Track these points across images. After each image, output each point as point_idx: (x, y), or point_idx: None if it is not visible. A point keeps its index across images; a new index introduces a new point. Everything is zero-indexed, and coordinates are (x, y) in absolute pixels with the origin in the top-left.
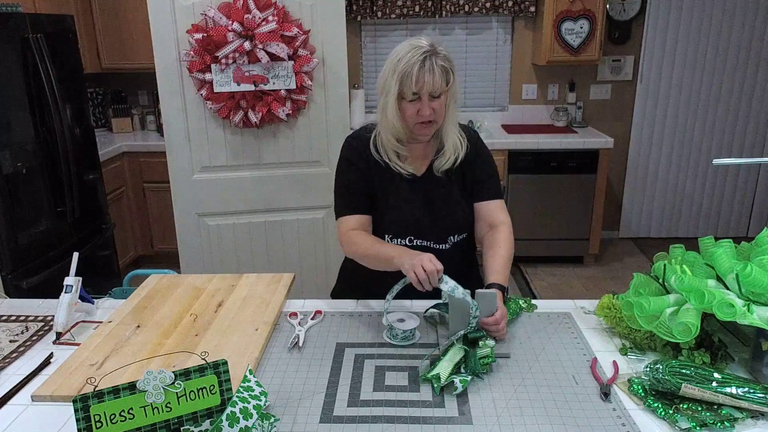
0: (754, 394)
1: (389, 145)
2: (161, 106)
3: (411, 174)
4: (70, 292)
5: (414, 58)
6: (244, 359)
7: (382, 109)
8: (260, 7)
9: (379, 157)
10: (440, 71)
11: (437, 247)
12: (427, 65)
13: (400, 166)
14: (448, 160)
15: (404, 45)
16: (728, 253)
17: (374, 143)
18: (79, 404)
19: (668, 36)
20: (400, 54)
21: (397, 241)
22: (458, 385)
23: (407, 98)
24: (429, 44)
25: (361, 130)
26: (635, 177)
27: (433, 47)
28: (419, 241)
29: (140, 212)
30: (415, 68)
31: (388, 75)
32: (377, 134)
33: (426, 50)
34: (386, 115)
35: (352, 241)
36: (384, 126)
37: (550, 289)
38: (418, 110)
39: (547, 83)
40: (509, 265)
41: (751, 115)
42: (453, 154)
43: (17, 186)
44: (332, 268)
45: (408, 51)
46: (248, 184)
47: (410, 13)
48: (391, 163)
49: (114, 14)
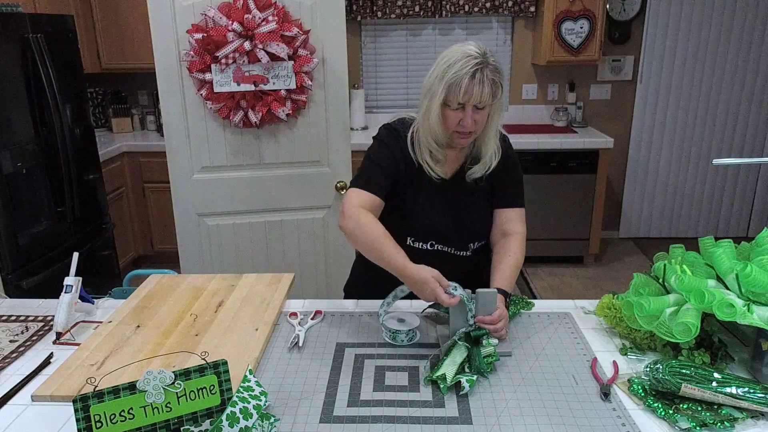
0: (754, 394)
1: (426, 146)
2: (161, 106)
3: (440, 178)
4: (70, 292)
5: (465, 69)
6: (244, 359)
7: (426, 111)
8: (260, 7)
9: (414, 156)
10: (489, 85)
11: (458, 254)
12: (477, 78)
13: (432, 168)
14: (481, 169)
15: (455, 51)
16: (728, 253)
17: (411, 141)
18: (79, 404)
19: (668, 36)
20: (450, 60)
21: (419, 245)
22: (465, 385)
23: (452, 107)
24: (481, 54)
25: (398, 123)
26: (635, 177)
27: (485, 58)
28: (440, 246)
29: (140, 212)
30: (465, 79)
31: (436, 80)
32: (414, 132)
33: (478, 61)
34: (428, 118)
35: (357, 220)
36: (424, 128)
37: (550, 289)
38: (460, 120)
39: (547, 83)
40: (516, 273)
41: (751, 115)
42: (488, 163)
43: (17, 186)
44: (332, 268)
45: (459, 59)
46: (248, 184)
47: (410, 13)
48: (424, 164)
49: (114, 14)
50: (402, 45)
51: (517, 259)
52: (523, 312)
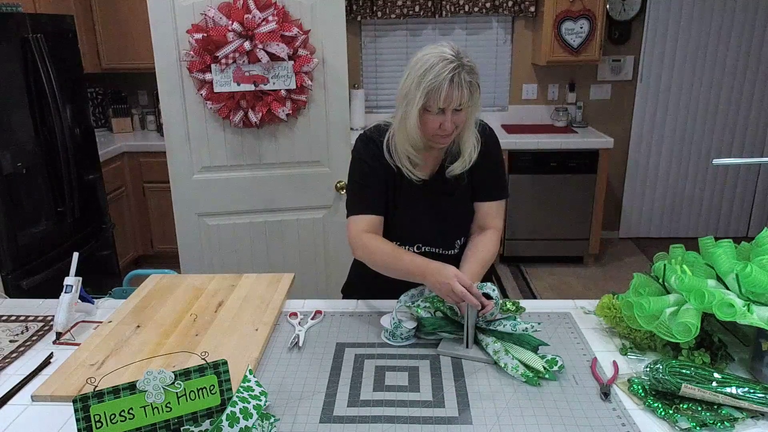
0: (754, 394)
1: (403, 151)
2: (161, 106)
3: (421, 180)
4: (70, 292)
5: (443, 74)
6: (244, 359)
7: (403, 118)
8: (260, 7)
9: (392, 161)
10: (468, 87)
11: (445, 253)
12: (456, 81)
13: (411, 172)
14: (460, 166)
15: (429, 55)
16: (728, 253)
17: (387, 147)
18: (79, 404)
19: (668, 36)
20: (426, 65)
21: (406, 247)
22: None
23: (432, 112)
24: (455, 55)
25: (373, 130)
26: (635, 177)
27: (460, 59)
28: (427, 248)
29: (140, 212)
30: (444, 85)
31: (412, 86)
32: (390, 137)
33: (455, 65)
34: (406, 125)
35: (366, 247)
36: (401, 134)
37: (550, 289)
38: (440, 123)
39: (547, 83)
40: (485, 270)
41: (751, 115)
42: (468, 159)
43: (17, 186)
44: (332, 268)
45: (436, 63)
46: (248, 184)
47: (410, 13)
48: (403, 168)
49: (114, 14)
50: (402, 45)
51: (489, 254)
52: (521, 313)
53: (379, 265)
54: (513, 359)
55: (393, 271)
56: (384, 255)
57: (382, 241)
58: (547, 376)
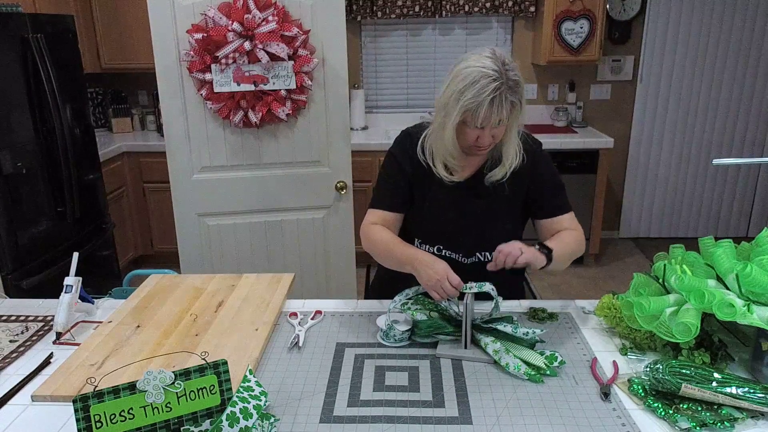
0: (754, 394)
1: (440, 157)
2: (161, 106)
3: (452, 181)
4: (70, 292)
5: (483, 95)
6: (244, 359)
7: (439, 127)
8: (260, 7)
9: (424, 158)
10: (509, 106)
11: (465, 260)
12: (496, 103)
13: (443, 175)
14: (501, 172)
15: (471, 68)
16: (728, 253)
17: (422, 145)
18: (79, 404)
19: (668, 36)
20: (467, 80)
21: (425, 247)
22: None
23: (469, 126)
24: (500, 70)
25: (416, 127)
26: (635, 177)
27: (505, 74)
28: (448, 252)
29: (140, 212)
30: (484, 105)
31: (451, 99)
32: (426, 137)
33: (497, 84)
34: (443, 135)
35: (368, 237)
36: (437, 143)
37: (550, 289)
38: (477, 137)
39: (547, 83)
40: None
41: (751, 115)
42: (509, 166)
43: (17, 186)
44: (332, 268)
45: (477, 79)
46: (248, 184)
47: (410, 13)
48: (434, 169)
49: (114, 14)
50: (402, 45)
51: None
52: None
53: (377, 253)
54: (514, 358)
55: (387, 260)
56: (381, 243)
57: (385, 231)
58: (548, 373)
